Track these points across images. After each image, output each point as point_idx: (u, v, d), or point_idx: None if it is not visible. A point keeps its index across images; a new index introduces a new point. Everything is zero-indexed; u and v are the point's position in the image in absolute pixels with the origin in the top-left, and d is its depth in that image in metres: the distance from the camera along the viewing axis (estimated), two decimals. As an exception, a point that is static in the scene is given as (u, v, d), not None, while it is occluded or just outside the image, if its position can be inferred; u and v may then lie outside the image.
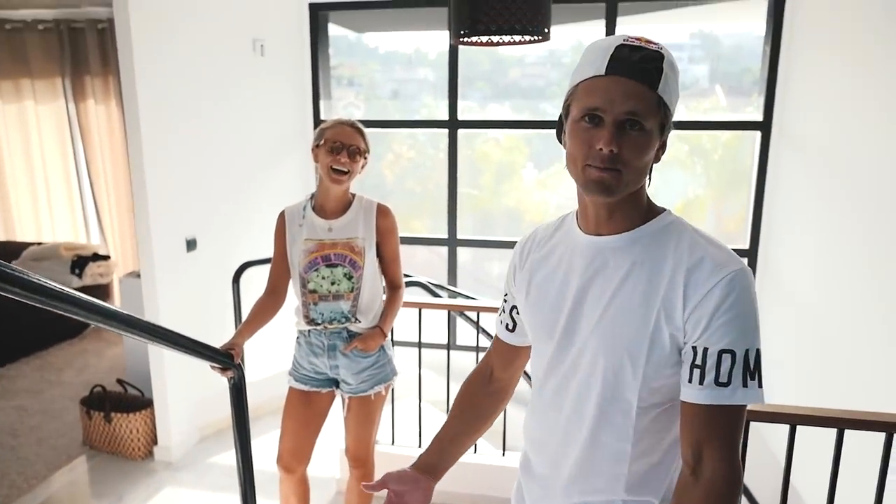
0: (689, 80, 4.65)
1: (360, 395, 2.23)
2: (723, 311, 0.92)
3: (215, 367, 1.86)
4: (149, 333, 1.53)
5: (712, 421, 0.94)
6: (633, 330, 0.97)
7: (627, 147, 0.93)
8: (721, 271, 0.94)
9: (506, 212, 4.91)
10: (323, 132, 2.09)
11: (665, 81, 0.93)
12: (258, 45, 3.83)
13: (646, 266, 0.98)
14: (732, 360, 0.92)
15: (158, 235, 3.14)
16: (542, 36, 2.37)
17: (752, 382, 0.93)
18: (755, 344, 0.94)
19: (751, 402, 0.94)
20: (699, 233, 1.01)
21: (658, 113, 0.94)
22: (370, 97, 4.78)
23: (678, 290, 0.95)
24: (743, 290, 0.93)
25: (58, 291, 1.16)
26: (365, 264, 2.14)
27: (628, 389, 1.00)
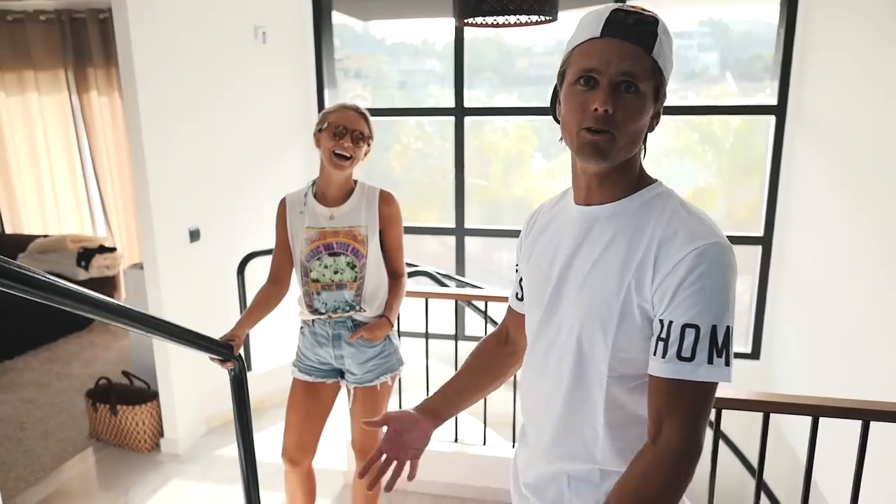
0: (699, 67, 4.56)
1: (366, 385, 2.18)
2: (688, 283, 0.91)
3: (215, 358, 1.81)
4: (145, 325, 1.49)
5: (674, 395, 0.92)
6: (605, 299, 0.98)
7: (622, 108, 0.93)
8: (692, 244, 0.92)
9: (514, 201, 4.86)
10: (326, 116, 2.03)
11: (660, 45, 0.94)
12: (260, 32, 3.77)
13: (626, 236, 0.98)
14: (696, 335, 0.90)
15: (161, 226, 3.10)
16: (550, 16, 2.29)
17: (718, 360, 0.90)
18: (724, 321, 0.91)
19: (716, 380, 0.91)
20: (685, 205, 0.99)
21: (652, 77, 0.94)
22: (377, 88, 4.72)
23: (649, 261, 0.94)
24: (712, 263, 0.91)
25: (46, 283, 1.11)
26: (368, 253, 2.09)
27: (599, 358, 1.00)
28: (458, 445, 2.89)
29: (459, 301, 3.03)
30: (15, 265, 1.05)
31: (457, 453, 2.87)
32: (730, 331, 0.91)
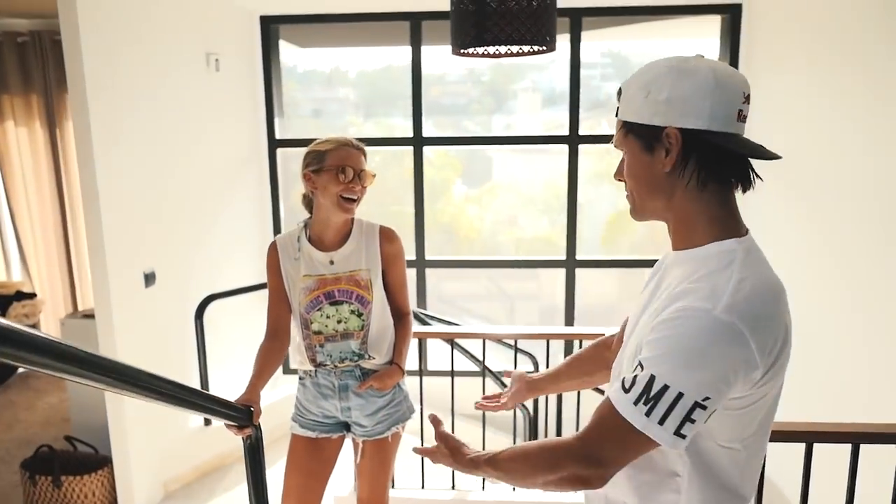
0: (603, 96, 4.77)
1: (376, 437, 2.01)
2: (660, 329, 0.93)
3: (231, 425, 1.59)
4: (142, 387, 1.26)
5: (602, 411, 0.96)
6: (635, 347, 1.01)
7: (623, 171, 1.05)
8: (691, 301, 0.92)
9: (440, 229, 4.84)
10: (323, 155, 1.85)
11: (623, 104, 1.01)
12: (212, 59, 3.54)
13: (674, 283, 1.00)
14: (638, 374, 0.92)
15: (115, 270, 2.79)
16: (549, 46, 2.26)
17: (642, 406, 0.90)
18: (664, 378, 0.89)
19: (630, 421, 0.91)
20: (735, 266, 0.94)
21: (629, 133, 1.00)
22: (291, 116, 4.60)
23: (665, 307, 0.97)
24: (691, 326, 0.90)
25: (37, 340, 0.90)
26: (374, 298, 1.93)
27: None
28: (454, 493, 2.74)
29: (487, 340, 2.91)
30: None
31: (455, 500, 2.72)
32: (669, 391, 0.88)
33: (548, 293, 5.06)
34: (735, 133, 0.95)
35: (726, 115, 0.94)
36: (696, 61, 0.96)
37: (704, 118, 0.93)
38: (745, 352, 0.89)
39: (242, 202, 3.95)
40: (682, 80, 0.94)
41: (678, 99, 0.93)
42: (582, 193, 4.17)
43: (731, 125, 0.94)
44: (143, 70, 3.01)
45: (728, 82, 0.94)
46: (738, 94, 0.94)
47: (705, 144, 0.94)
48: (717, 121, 0.93)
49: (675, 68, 0.95)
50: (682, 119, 0.94)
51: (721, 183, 0.98)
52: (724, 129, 0.94)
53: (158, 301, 3.10)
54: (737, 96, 0.94)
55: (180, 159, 3.30)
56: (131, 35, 2.95)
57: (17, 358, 0.80)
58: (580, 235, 4.19)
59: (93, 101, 2.65)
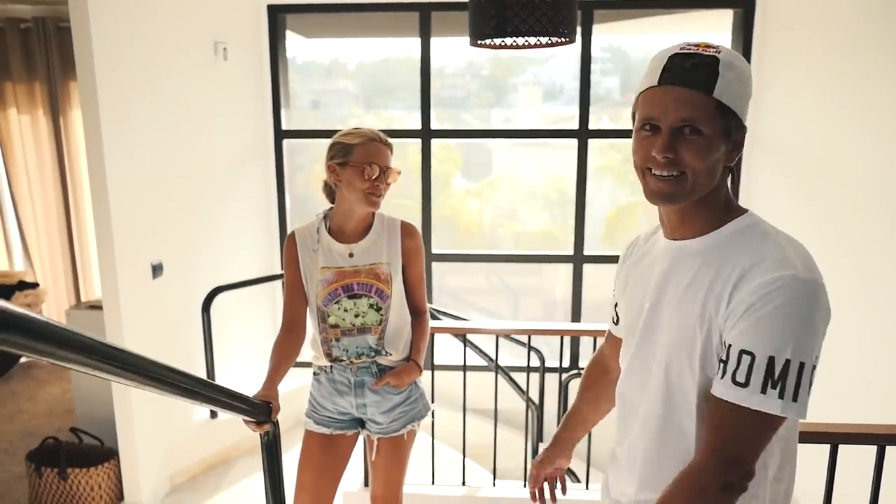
0: (602, 91, 4.73)
1: (392, 435, 1.98)
2: (753, 309, 0.92)
3: (249, 421, 1.57)
4: (166, 383, 1.23)
5: (722, 415, 0.94)
6: (690, 331, 1.00)
7: (686, 150, 0.96)
8: (772, 272, 0.92)
9: (440, 222, 4.82)
10: (349, 149, 1.81)
11: (724, 83, 0.95)
12: (220, 48, 3.49)
13: (712, 269, 0.99)
14: (751, 362, 0.91)
15: (123, 261, 2.75)
16: (569, 38, 2.23)
17: (771, 391, 0.90)
18: (783, 352, 0.90)
19: (767, 411, 0.91)
20: (774, 236, 0.99)
21: (718, 116, 0.95)
22: (289, 107, 4.56)
23: (729, 289, 0.96)
24: (782, 293, 0.90)
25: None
26: (393, 293, 1.90)
27: (689, 390, 1.02)
28: (465, 489, 2.72)
29: (500, 336, 2.89)
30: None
31: (465, 497, 2.70)
32: (792, 365, 0.90)
33: (549, 288, 5.04)
34: None
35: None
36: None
37: (748, 105, 1.01)
38: (827, 301, 0.94)
39: (248, 193, 3.91)
40: (750, 82, 1.00)
41: (748, 98, 1.00)
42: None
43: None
44: (151, 58, 2.97)
45: None
46: None
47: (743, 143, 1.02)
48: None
49: (748, 67, 1.00)
50: (746, 118, 1.00)
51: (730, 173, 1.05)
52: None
53: (166, 292, 3.06)
54: None
55: (188, 149, 3.26)
56: (140, 22, 2.90)
57: (29, 348, 0.76)
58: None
59: (102, 89, 2.61)
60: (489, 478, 3.08)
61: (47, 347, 0.78)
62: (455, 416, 2.88)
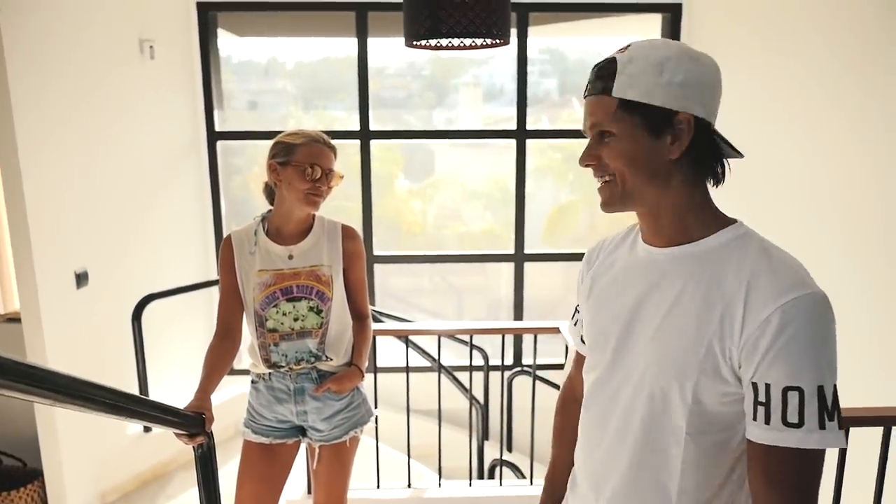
0: (541, 91, 4.82)
1: (334, 442, 1.94)
2: (782, 342, 0.83)
3: (181, 434, 1.50)
4: (87, 400, 1.18)
5: (782, 464, 0.85)
6: (682, 352, 0.90)
7: (604, 154, 0.94)
8: (782, 297, 0.84)
9: (382, 223, 4.81)
10: (291, 149, 1.77)
11: (622, 80, 0.91)
12: (146, 46, 3.36)
13: (703, 282, 0.91)
14: (801, 398, 0.83)
15: (43, 270, 2.60)
16: (503, 39, 2.25)
17: (830, 423, 0.83)
18: (827, 379, 0.84)
19: (830, 447, 0.84)
20: (769, 250, 0.91)
21: (621, 114, 0.91)
22: (226, 108, 4.47)
23: (737, 313, 0.87)
24: (806, 317, 0.83)
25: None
26: (334, 295, 1.88)
27: (677, 414, 0.92)
28: (411, 490, 2.71)
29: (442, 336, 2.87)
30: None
31: (411, 498, 2.69)
32: (836, 389, 0.85)
33: (494, 287, 5.09)
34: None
35: (716, 110, 0.94)
36: (696, 50, 0.94)
37: (710, 109, 0.92)
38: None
39: (181, 197, 3.78)
40: (695, 67, 0.91)
41: (693, 84, 0.90)
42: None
43: (713, 120, 0.94)
44: (71, 56, 2.82)
45: (720, 78, 0.94)
46: (721, 91, 0.95)
47: (707, 135, 0.92)
48: (712, 114, 0.93)
49: (686, 52, 0.92)
50: (696, 107, 0.90)
51: (707, 175, 0.96)
52: (713, 124, 0.93)
53: (92, 302, 2.92)
54: (721, 93, 0.95)
55: (114, 150, 3.12)
56: (57, 18, 2.75)
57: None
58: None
59: (15, 88, 2.45)
60: (435, 478, 3.08)
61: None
62: (399, 418, 2.86)
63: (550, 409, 1.33)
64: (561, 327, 2.61)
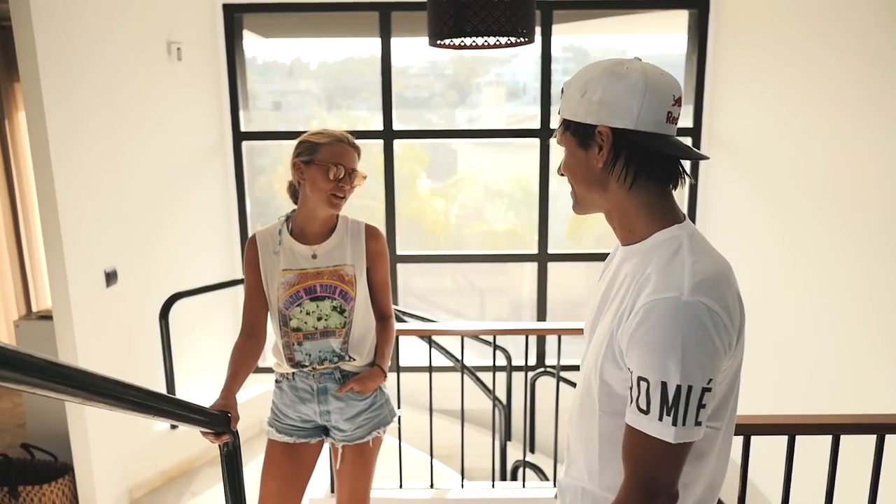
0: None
1: (357, 442, 1.95)
2: (638, 336, 0.95)
3: (207, 432, 1.52)
4: (117, 399, 1.19)
5: (631, 442, 0.97)
6: (601, 337, 1.05)
7: (562, 166, 1.10)
8: (651, 295, 0.95)
9: (405, 222, 4.81)
10: (316, 148, 1.78)
11: (563, 103, 1.06)
12: (174, 48, 3.40)
13: (631, 279, 1.03)
14: (648, 388, 0.93)
15: (74, 269, 2.65)
16: (528, 38, 2.23)
17: (666, 418, 0.92)
18: (671, 377, 0.91)
19: (662, 438, 0.93)
20: (683, 252, 0.99)
21: (566, 132, 1.06)
22: (251, 108, 4.50)
23: (629, 305, 0.99)
24: (660, 318, 0.92)
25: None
26: (357, 294, 1.88)
27: (595, 392, 1.06)
28: (433, 491, 2.71)
29: (465, 337, 2.87)
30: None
31: (434, 499, 2.68)
32: (682, 390, 0.91)
33: (515, 287, 5.06)
34: (665, 134, 1.00)
35: (655, 116, 0.99)
36: (631, 64, 1.00)
37: (632, 119, 0.98)
38: (721, 326, 0.94)
39: (207, 197, 3.83)
40: (614, 83, 0.99)
41: (610, 100, 0.99)
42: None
43: (660, 126, 0.99)
44: (101, 58, 2.87)
45: (658, 86, 0.98)
46: (668, 97, 0.99)
47: (633, 144, 0.99)
48: (645, 122, 0.98)
49: (609, 70, 1.00)
50: (613, 119, 0.99)
51: (652, 179, 1.03)
52: (653, 130, 0.99)
53: (120, 301, 2.97)
54: (666, 99, 0.99)
55: (142, 151, 3.16)
56: (88, 21, 2.80)
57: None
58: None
59: (47, 90, 2.50)
60: (457, 479, 3.07)
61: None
62: (422, 418, 2.86)
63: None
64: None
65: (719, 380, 0.97)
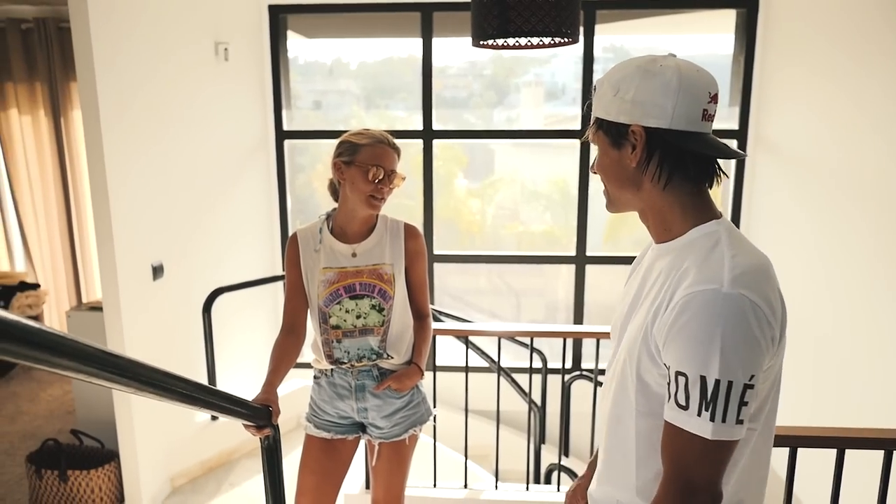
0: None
1: (394, 440, 1.96)
2: (676, 329, 0.92)
3: (249, 425, 1.55)
4: (163, 389, 1.22)
5: (669, 439, 0.94)
6: (636, 332, 1.02)
7: (595, 165, 1.09)
8: (689, 287, 0.92)
9: (442, 222, 4.81)
10: (357, 148, 1.79)
11: (595, 102, 1.05)
12: (221, 48, 3.48)
13: (666, 275, 1.00)
14: (687, 383, 0.90)
15: (123, 263, 2.74)
16: (572, 38, 2.21)
17: (705, 413, 0.89)
18: (711, 371, 0.88)
19: (701, 435, 0.90)
20: (722, 246, 0.96)
21: (598, 131, 1.05)
22: (292, 107, 4.56)
23: (666, 299, 0.97)
24: (699, 310, 0.90)
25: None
26: (396, 293, 1.89)
27: (630, 390, 1.04)
28: (467, 491, 2.71)
29: (502, 338, 2.88)
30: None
31: (467, 499, 2.68)
32: (722, 384, 0.88)
33: (551, 289, 5.02)
34: (700, 132, 0.97)
35: (690, 115, 0.96)
36: (664, 61, 0.98)
37: (666, 118, 0.96)
38: (764, 320, 0.90)
39: (250, 194, 3.90)
40: (648, 81, 0.97)
41: (643, 98, 0.97)
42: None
43: (695, 125, 0.97)
44: (152, 58, 2.96)
45: (693, 83, 0.96)
46: (703, 94, 0.96)
47: (667, 143, 0.97)
48: (679, 120, 0.96)
49: (642, 68, 0.98)
50: (646, 118, 0.97)
51: (687, 178, 1.00)
52: (687, 129, 0.97)
53: (166, 294, 3.05)
54: (701, 96, 0.96)
55: (188, 149, 3.25)
56: (140, 23, 2.89)
57: (23, 356, 0.74)
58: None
59: (102, 89, 2.59)
60: (491, 480, 3.07)
61: (42, 355, 0.76)
62: (457, 418, 2.86)
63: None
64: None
65: (762, 378, 0.93)
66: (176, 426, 3.17)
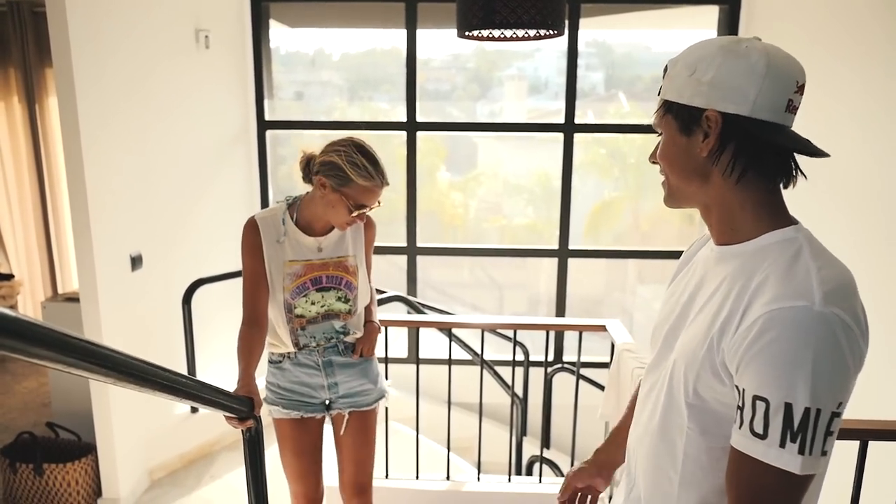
0: (587, 86, 4.70)
1: (364, 409, 1.97)
2: (756, 349, 0.81)
3: (231, 417, 1.53)
4: (144, 380, 1.20)
5: (741, 469, 0.84)
6: (695, 346, 0.91)
7: (658, 153, 0.98)
8: (773, 303, 0.81)
9: (424, 215, 4.80)
10: (348, 182, 1.72)
11: (666, 84, 0.95)
12: (202, 36, 3.43)
13: (734, 283, 0.90)
14: (767, 409, 0.80)
15: (101, 253, 2.69)
16: (558, 30, 2.21)
17: (790, 444, 0.79)
18: (799, 398, 0.78)
19: (784, 468, 0.79)
20: (804, 256, 0.86)
21: (666, 115, 0.95)
22: (272, 98, 4.51)
23: (738, 312, 0.86)
24: (787, 330, 0.79)
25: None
26: (359, 283, 1.91)
27: (682, 406, 0.94)
28: (449, 483, 2.71)
29: (485, 330, 2.88)
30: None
31: (449, 491, 2.69)
32: (811, 413, 0.78)
33: (533, 282, 5.05)
34: (782, 124, 0.88)
35: (774, 104, 0.86)
36: (750, 43, 0.88)
37: (748, 105, 0.86)
38: (855, 342, 0.81)
39: (231, 184, 3.86)
40: (731, 62, 0.86)
41: (723, 81, 0.87)
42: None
43: (778, 115, 0.87)
44: (130, 45, 2.90)
45: (781, 69, 0.86)
46: (791, 82, 0.87)
47: (745, 132, 0.87)
48: (762, 109, 0.86)
49: (726, 48, 0.87)
50: (724, 103, 0.87)
51: (762, 174, 0.90)
52: (770, 119, 0.87)
53: (145, 285, 3.01)
54: (789, 85, 0.87)
55: (168, 138, 3.20)
56: (119, 8, 2.83)
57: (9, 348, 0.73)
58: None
59: (78, 76, 2.54)
60: (474, 472, 3.08)
61: (18, 344, 0.74)
62: (440, 410, 2.87)
63: (592, 408, 1.32)
64: (608, 325, 2.56)
65: (847, 404, 0.83)
66: (155, 418, 3.13)
